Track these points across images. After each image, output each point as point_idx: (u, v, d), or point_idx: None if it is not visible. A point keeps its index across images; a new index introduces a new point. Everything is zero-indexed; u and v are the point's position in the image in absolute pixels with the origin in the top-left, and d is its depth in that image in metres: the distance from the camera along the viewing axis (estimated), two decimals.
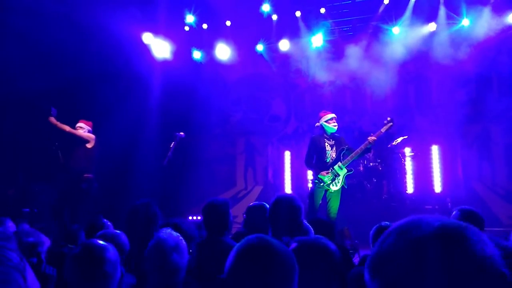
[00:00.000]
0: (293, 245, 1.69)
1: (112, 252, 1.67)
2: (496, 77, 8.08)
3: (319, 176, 5.21)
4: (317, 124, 5.46)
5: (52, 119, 5.84)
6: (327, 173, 5.21)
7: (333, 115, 5.39)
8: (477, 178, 8.03)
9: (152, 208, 2.77)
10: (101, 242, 1.71)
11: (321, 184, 5.19)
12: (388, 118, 5.39)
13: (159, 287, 1.86)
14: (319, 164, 5.31)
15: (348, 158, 5.28)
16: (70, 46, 6.41)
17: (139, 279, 2.11)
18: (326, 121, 5.34)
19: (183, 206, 7.75)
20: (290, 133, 9.47)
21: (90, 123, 6.26)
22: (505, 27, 7.48)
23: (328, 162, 5.29)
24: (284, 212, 2.36)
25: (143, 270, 1.91)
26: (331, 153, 5.32)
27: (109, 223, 3.26)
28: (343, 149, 5.32)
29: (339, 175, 5.22)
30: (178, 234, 2.00)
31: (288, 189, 8.78)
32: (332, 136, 5.39)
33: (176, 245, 1.91)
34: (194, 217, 7.42)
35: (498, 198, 7.67)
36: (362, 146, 5.22)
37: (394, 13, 7.97)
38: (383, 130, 5.37)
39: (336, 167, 5.25)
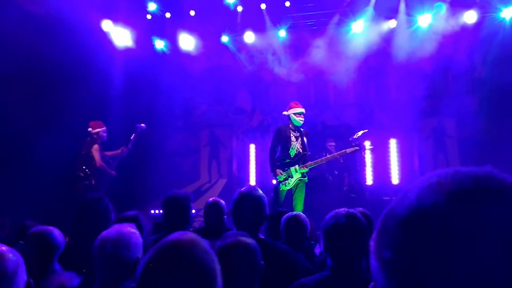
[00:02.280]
0: (217, 245, 1.70)
1: (10, 262, 1.42)
2: (451, 74, 8.45)
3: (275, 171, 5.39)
4: (285, 112, 5.55)
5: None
6: (282, 173, 5.37)
7: (302, 110, 5.52)
8: (432, 170, 8.38)
9: (103, 203, 2.66)
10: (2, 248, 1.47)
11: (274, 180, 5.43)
12: (357, 143, 5.71)
13: (107, 283, 1.77)
14: (283, 153, 5.42)
15: (307, 165, 5.45)
16: (22, 33, 6.06)
17: (86, 277, 2.03)
18: (294, 114, 5.46)
19: (145, 200, 7.59)
20: (255, 126, 9.48)
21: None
22: (461, 26, 7.82)
23: (292, 153, 5.42)
24: (247, 206, 2.32)
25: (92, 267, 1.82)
26: (296, 144, 5.45)
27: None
28: (305, 154, 5.47)
29: (292, 177, 5.36)
30: (133, 228, 1.91)
31: (252, 182, 8.80)
32: (297, 128, 5.51)
33: (118, 239, 1.77)
34: (157, 211, 7.30)
35: None
36: (323, 159, 5.51)
37: (356, 9, 8.12)
38: (348, 151, 5.63)
39: (292, 169, 5.38)
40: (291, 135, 5.48)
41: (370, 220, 2.66)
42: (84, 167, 5.93)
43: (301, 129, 5.61)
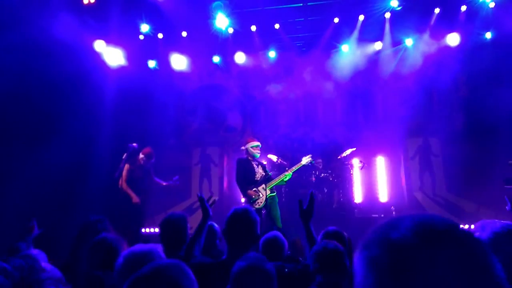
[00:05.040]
0: (238, 264, 1.79)
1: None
2: (436, 94, 8.73)
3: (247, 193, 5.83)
4: (243, 147, 6.11)
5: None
6: (253, 192, 5.82)
7: (258, 144, 6.05)
8: (418, 188, 8.60)
9: (102, 225, 2.71)
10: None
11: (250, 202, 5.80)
12: (310, 155, 6.30)
13: None
14: (250, 181, 5.88)
15: (271, 182, 6.00)
16: (20, 55, 6.14)
17: None
18: (251, 147, 5.98)
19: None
20: None
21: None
22: (444, 48, 8.14)
23: (258, 178, 5.92)
24: (240, 226, 2.34)
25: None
26: (258, 170, 6.00)
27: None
28: (268, 175, 5.98)
29: (262, 196, 5.85)
30: None
31: (243, 200, 8.86)
32: (255, 159, 6.06)
33: None
34: (147, 230, 7.31)
35: (437, 207, 8.26)
36: (281, 176, 6.04)
37: (344, 32, 8.40)
38: (303, 163, 6.20)
39: (260, 188, 5.88)
40: (252, 164, 5.99)
41: (343, 238, 2.83)
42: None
43: (259, 161, 6.16)
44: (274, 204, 5.93)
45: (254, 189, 5.86)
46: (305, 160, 6.24)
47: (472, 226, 2.40)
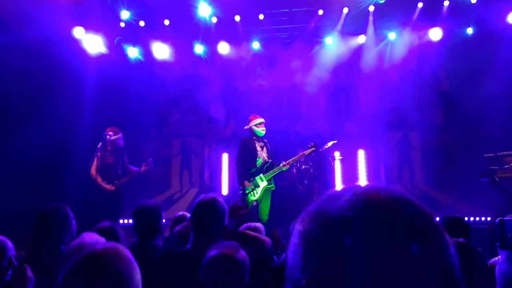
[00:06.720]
0: (210, 252, 1.75)
1: None
2: (417, 88, 8.82)
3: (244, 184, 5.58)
4: (246, 127, 5.85)
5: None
6: (248, 183, 5.57)
7: (262, 120, 5.79)
8: (397, 181, 8.69)
9: (62, 212, 2.62)
10: None
11: (240, 192, 5.58)
12: (312, 144, 6.08)
13: None
14: (250, 164, 5.62)
15: (270, 172, 5.72)
16: None
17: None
18: (255, 125, 5.71)
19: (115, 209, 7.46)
20: (229, 135, 9.52)
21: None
22: (426, 42, 8.20)
23: (258, 162, 5.66)
24: (205, 215, 2.27)
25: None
26: (262, 153, 5.72)
27: None
28: (267, 163, 5.71)
29: (259, 186, 5.58)
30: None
31: (224, 191, 8.82)
32: (260, 139, 5.79)
33: None
34: (126, 221, 7.21)
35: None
36: (285, 163, 5.77)
37: (327, 25, 8.38)
38: (306, 153, 6.01)
39: (257, 178, 5.61)
40: (256, 145, 5.71)
41: None
42: None
43: (264, 140, 5.87)
44: (267, 197, 5.70)
45: (252, 180, 5.59)
46: (308, 151, 6.08)
47: None
